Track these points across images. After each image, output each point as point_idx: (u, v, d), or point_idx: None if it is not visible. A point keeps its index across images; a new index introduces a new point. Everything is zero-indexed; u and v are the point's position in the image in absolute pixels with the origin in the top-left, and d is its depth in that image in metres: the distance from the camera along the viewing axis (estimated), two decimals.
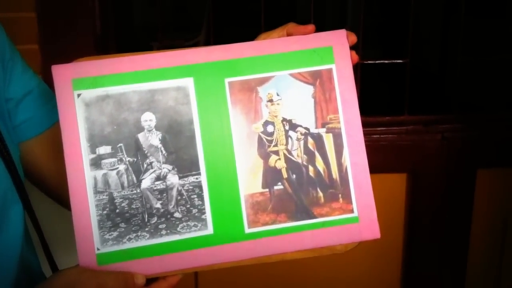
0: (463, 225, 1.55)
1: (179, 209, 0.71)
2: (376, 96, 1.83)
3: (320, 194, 0.73)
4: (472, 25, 1.61)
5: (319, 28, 0.74)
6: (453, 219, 1.55)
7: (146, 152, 0.71)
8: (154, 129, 0.71)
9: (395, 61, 1.58)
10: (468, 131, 1.55)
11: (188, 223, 0.71)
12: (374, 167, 0.75)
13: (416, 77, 1.61)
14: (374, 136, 1.53)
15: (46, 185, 0.88)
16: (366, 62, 1.51)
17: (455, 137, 1.54)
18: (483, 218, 1.56)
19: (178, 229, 0.71)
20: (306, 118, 0.73)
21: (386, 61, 1.59)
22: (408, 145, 1.54)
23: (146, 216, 0.70)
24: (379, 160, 1.48)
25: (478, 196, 1.54)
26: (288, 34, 0.73)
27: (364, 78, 1.49)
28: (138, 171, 0.71)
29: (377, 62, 1.56)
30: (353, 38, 0.73)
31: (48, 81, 0.89)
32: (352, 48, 0.73)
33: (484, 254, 1.58)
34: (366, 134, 0.73)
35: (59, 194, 0.86)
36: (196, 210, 0.71)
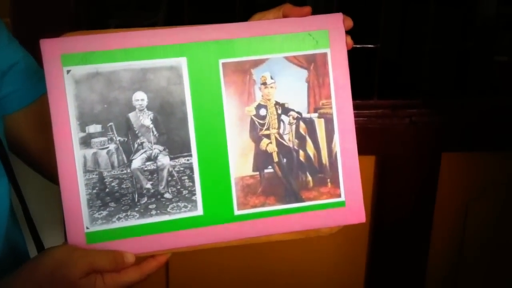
0: (427, 206, 1.59)
1: (170, 190, 0.71)
2: None
3: (309, 178, 0.74)
4: (440, 13, 1.63)
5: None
6: (417, 200, 1.59)
7: (137, 132, 0.70)
8: (145, 109, 0.70)
9: (366, 46, 1.59)
10: (435, 116, 1.58)
11: (178, 204, 0.71)
12: None
13: (385, 62, 1.63)
14: None
15: (31, 158, 0.86)
16: None
17: (423, 122, 1.57)
18: (446, 200, 1.60)
19: (168, 209, 0.70)
20: (299, 102, 0.73)
21: (358, 46, 1.60)
22: (377, 128, 1.57)
23: (136, 196, 0.70)
24: None
25: (442, 179, 1.59)
26: (284, 16, 0.73)
27: None
28: (129, 151, 0.70)
29: None
30: (349, 23, 0.72)
31: None
32: (347, 32, 0.73)
33: (446, 235, 1.64)
34: None
35: (44, 168, 0.85)
36: (187, 191, 0.71)
